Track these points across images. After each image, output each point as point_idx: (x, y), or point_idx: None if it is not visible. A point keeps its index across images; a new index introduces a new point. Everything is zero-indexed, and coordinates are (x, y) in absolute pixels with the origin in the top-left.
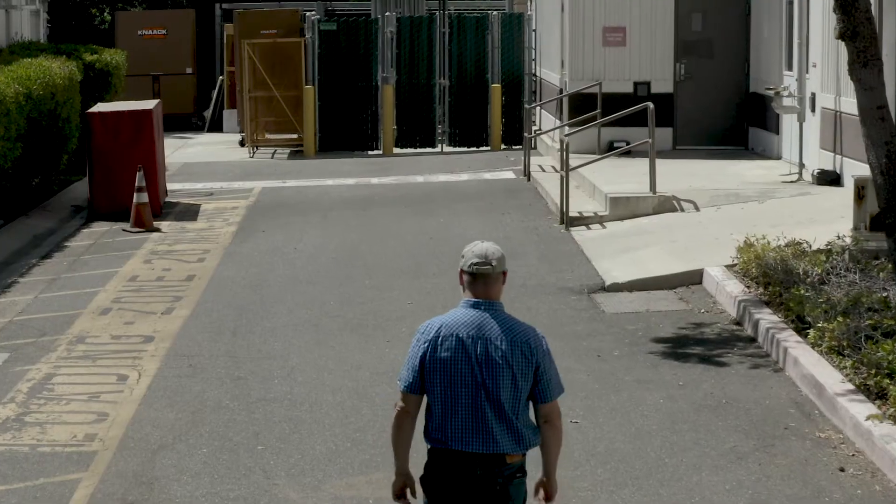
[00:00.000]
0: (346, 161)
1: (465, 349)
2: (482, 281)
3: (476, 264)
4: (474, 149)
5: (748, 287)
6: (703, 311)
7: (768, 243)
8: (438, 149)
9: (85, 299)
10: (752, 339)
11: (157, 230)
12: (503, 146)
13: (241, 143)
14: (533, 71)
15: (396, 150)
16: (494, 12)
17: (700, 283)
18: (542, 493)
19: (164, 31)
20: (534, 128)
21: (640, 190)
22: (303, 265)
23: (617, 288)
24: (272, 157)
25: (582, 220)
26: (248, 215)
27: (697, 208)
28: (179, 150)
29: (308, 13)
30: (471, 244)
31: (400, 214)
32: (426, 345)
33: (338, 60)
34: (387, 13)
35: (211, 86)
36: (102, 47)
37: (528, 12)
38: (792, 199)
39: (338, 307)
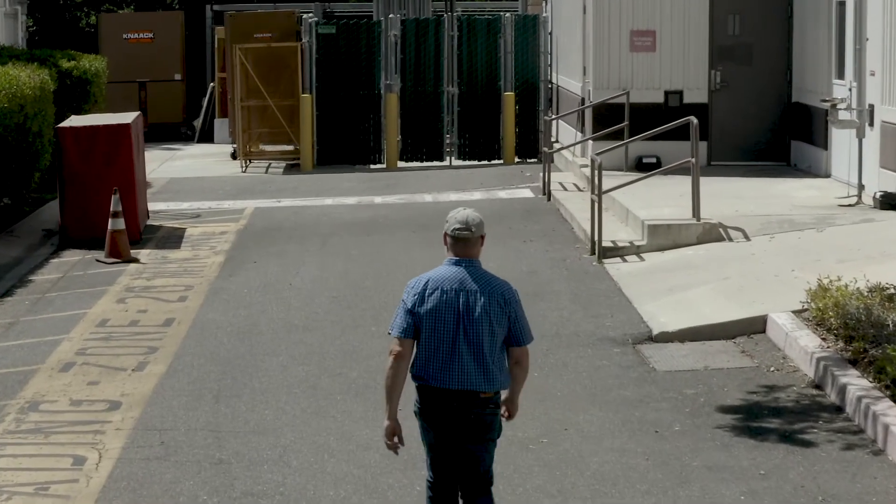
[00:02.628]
0: (347, 176)
1: (449, 300)
2: (462, 243)
3: (458, 229)
4: (485, 162)
5: (824, 339)
6: (772, 368)
7: (846, 286)
8: (447, 162)
9: (45, 350)
10: (839, 409)
11: (135, 260)
12: (517, 159)
13: (233, 156)
14: (549, 77)
15: (401, 164)
16: (507, 14)
17: (763, 331)
18: (504, 409)
19: (150, 35)
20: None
21: (681, 215)
22: (299, 306)
23: (666, 338)
24: (266, 172)
25: (616, 251)
26: (238, 242)
27: (748, 237)
28: (167, 164)
29: (305, 15)
30: (454, 211)
31: (408, 241)
32: (416, 297)
33: (337, 66)
34: (390, 15)
35: (201, 93)
36: (81, 53)
37: (544, 14)
38: (854, 226)
39: (340, 362)
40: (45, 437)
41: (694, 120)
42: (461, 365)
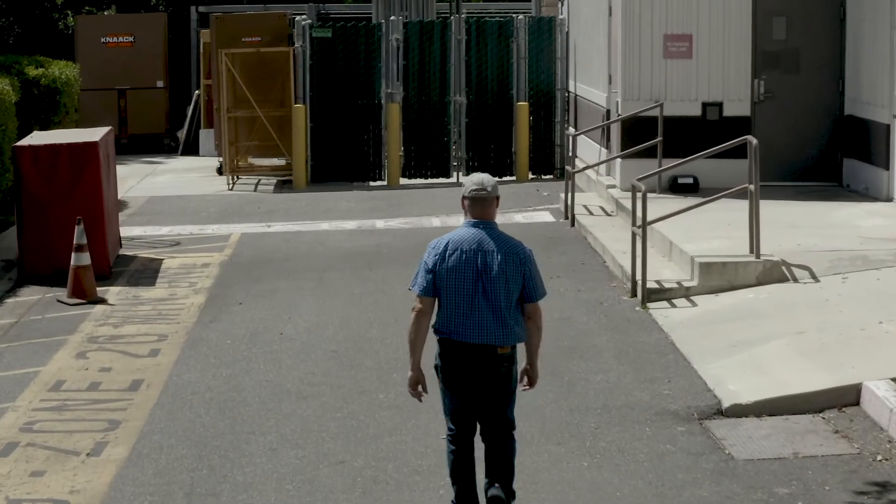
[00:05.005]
0: (344, 195)
1: (468, 259)
2: (480, 204)
3: (474, 190)
4: (496, 179)
5: None
6: (878, 457)
7: None
8: (453, 179)
9: None
10: None
11: (102, 301)
12: (531, 176)
13: (220, 171)
14: (566, 86)
15: (404, 181)
16: (520, 16)
17: (857, 403)
18: (526, 379)
19: (131, 39)
20: (569, 155)
21: (735, 250)
22: (291, 364)
23: (739, 411)
24: (255, 190)
25: (661, 293)
26: (222, 277)
27: (815, 277)
28: (147, 179)
29: (298, 17)
30: (469, 176)
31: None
32: (436, 257)
33: (333, 73)
34: (392, 17)
35: (186, 101)
36: (51, 59)
37: (560, 15)
38: None
39: (342, 444)
40: None
41: (753, 140)
42: (481, 320)
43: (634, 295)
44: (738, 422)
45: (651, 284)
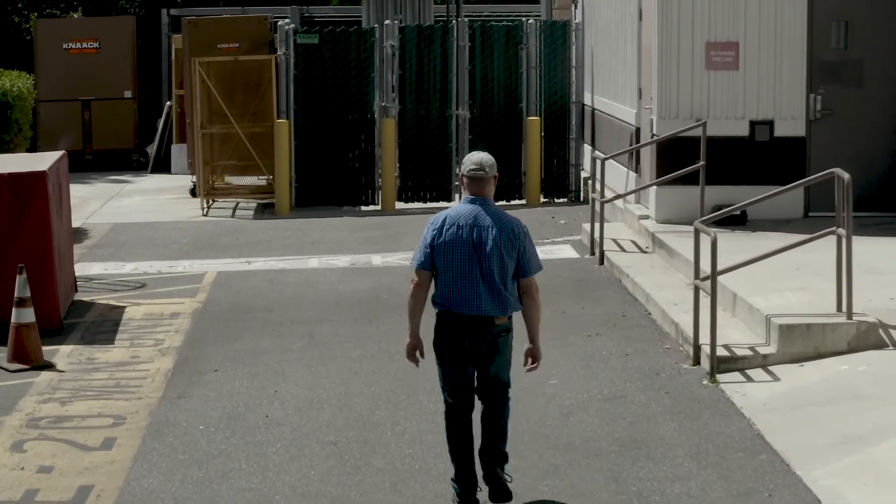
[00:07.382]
0: (334, 223)
1: (464, 234)
2: (477, 182)
3: (473, 170)
4: (504, 202)
5: None
6: None
7: None
8: (455, 203)
9: None
10: None
11: (50, 366)
12: (543, 199)
13: (193, 192)
14: (581, 99)
15: (400, 206)
16: (531, 20)
17: None
18: (530, 360)
19: (96, 45)
20: (584, 175)
21: (817, 306)
22: (281, 462)
23: None
24: (233, 216)
25: (732, 363)
26: (194, 332)
27: None
28: (112, 202)
29: (280, 22)
30: (469, 154)
31: (429, 332)
32: (434, 231)
33: (321, 84)
34: (386, 21)
35: (156, 113)
36: (1, 69)
37: (575, 20)
38: None
39: None
40: None
41: (845, 175)
42: (477, 293)
43: (697, 362)
44: None
45: (720, 351)
